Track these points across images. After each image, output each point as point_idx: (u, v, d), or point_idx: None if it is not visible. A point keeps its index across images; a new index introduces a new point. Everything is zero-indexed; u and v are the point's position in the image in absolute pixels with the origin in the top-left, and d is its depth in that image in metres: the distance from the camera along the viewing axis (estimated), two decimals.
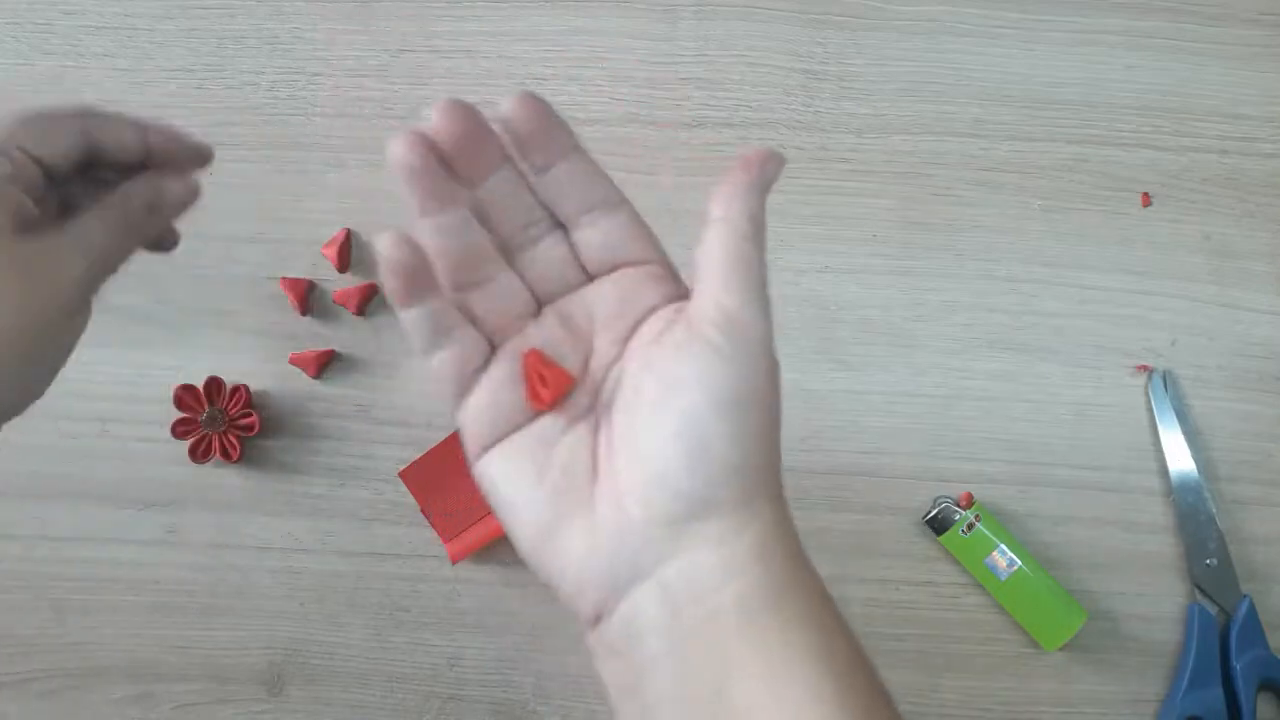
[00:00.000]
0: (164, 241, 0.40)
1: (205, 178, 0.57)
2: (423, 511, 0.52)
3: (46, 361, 0.35)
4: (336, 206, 0.57)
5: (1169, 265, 0.57)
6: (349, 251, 0.56)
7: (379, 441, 0.54)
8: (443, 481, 0.52)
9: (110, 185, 0.37)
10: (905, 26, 0.60)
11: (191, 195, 0.38)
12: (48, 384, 0.35)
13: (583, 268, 0.34)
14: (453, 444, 0.52)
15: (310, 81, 0.58)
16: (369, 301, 0.55)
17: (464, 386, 0.31)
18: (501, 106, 0.33)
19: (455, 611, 0.53)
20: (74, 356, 0.55)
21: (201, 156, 0.40)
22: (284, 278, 0.56)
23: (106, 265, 0.36)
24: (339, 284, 0.56)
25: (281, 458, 0.54)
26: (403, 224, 0.39)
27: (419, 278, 0.31)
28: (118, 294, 0.56)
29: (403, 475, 0.52)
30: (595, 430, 0.31)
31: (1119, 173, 0.58)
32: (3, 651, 0.52)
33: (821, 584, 0.31)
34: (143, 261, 0.56)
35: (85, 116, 0.36)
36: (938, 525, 0.53)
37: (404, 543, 0.53)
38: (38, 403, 0.54)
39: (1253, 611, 0.52)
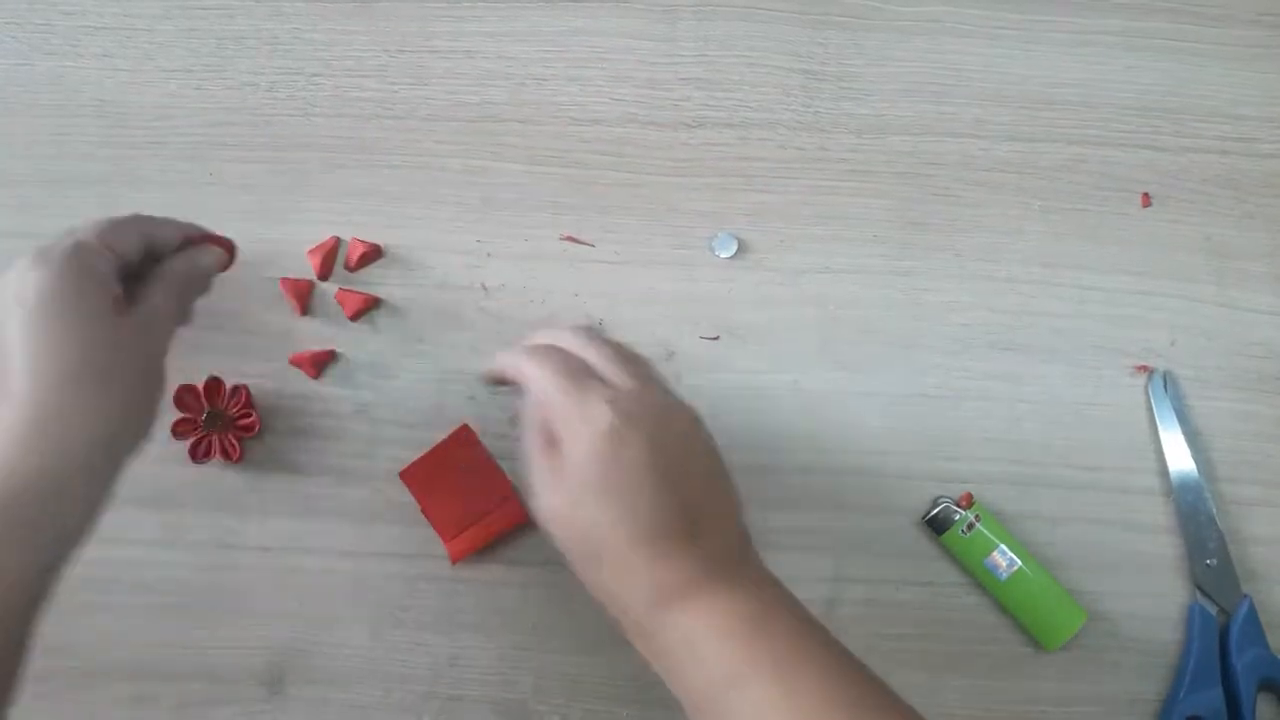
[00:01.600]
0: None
1: (204, 178, 0.57)
2: (423, 512, 0.52)
3: (152, 407, 0.44)
4: (336, 207, 0.57)
5: (1169, 265, 0.57)
6: (333, 260, 0.56)
7: (379, 441, 0.54)
8: (443, 482, 0.52)
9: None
10: (905, 26, 0.60)
11: (220, 260, 0.49)
12: (154, 416, 0.44)
13: None
14: (453, 444, 0.52)
15: (310, 81, 0.58)
16: (366, 311, 0.55)
17: None
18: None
19: (455, 611, 0.53)
20: None
21: (226, 242, 0.51)
22: (284, 278, 0.56)
23: (171, 327, 0.45)
24: (343, 283, 0.56)
25: (281, 458, 0.54)
26: (403, 224, 0.39)
27: None
28: None
29: (403, 475, 0.52)
30: None
31: (1119, 173, 0.58)
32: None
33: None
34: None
35: (141, 221, 0.46)
36: (938, 525, 0.53)
37: (404, 543, 0.53)
38: None
39: (1253, 611, 0.52)
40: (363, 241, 0.56)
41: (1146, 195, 0.58)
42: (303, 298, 0.55)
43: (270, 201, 0.57)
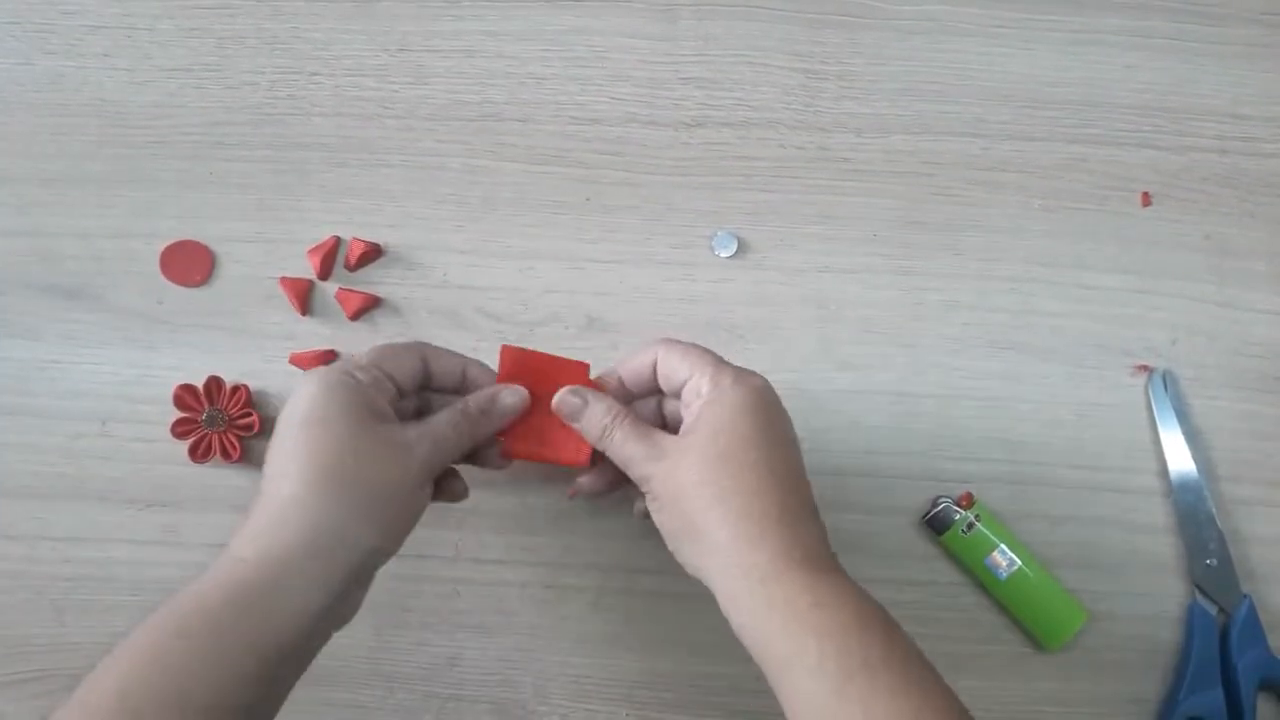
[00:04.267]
0: (457, 491, 0.49)
1: (204, 177, 0.57)
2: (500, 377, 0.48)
3: (399, 518, 0.44)
4: (336, 206, 0.57)
5: (1169, 265, 0.57)
6: (333, 260, 0.56)
7: None
8: (533, 383, 0.48)
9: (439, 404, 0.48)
10: (905, 26, 0.60)
11: (519, 405, 0.47)
12: (401, 538, 0.44)
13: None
14: (564, 365, 0.48)
15: (310, 81, 0.58)
16: (366, 311, 0.55)
17: None
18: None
19: (455, 611, 0.53)
20: (74, 356, 0.55)
21: (510, 390, 0.48)
22: (284, 278, 0.56)
23: (446, 452, 0.45)
24: (343, 283, 0.56)
25: None
26: (403, 224, 0.39)
27: None
28: (118, 293, 0.56)
29: (504, 349, 0.48)
30: None
31: (1119, 173, 0.58)
32: (3, 651, 0.52)
33: None
34: (142, 261, 0.56)
35: (423, 348, 0.47)
36: (938, 525, 0.53)
37: (404, 542, 0.53)
38: (39, 402, 0.54)
39: (1253, 611, 0.52)
40: (363, 241, 0.56)
41: (1146, 195, 0.58)
42: (303, 298, 0.55)
43: (270, 201, 0.57)
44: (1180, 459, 0.54)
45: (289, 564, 0.40)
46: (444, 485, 0.48)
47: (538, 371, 0.47)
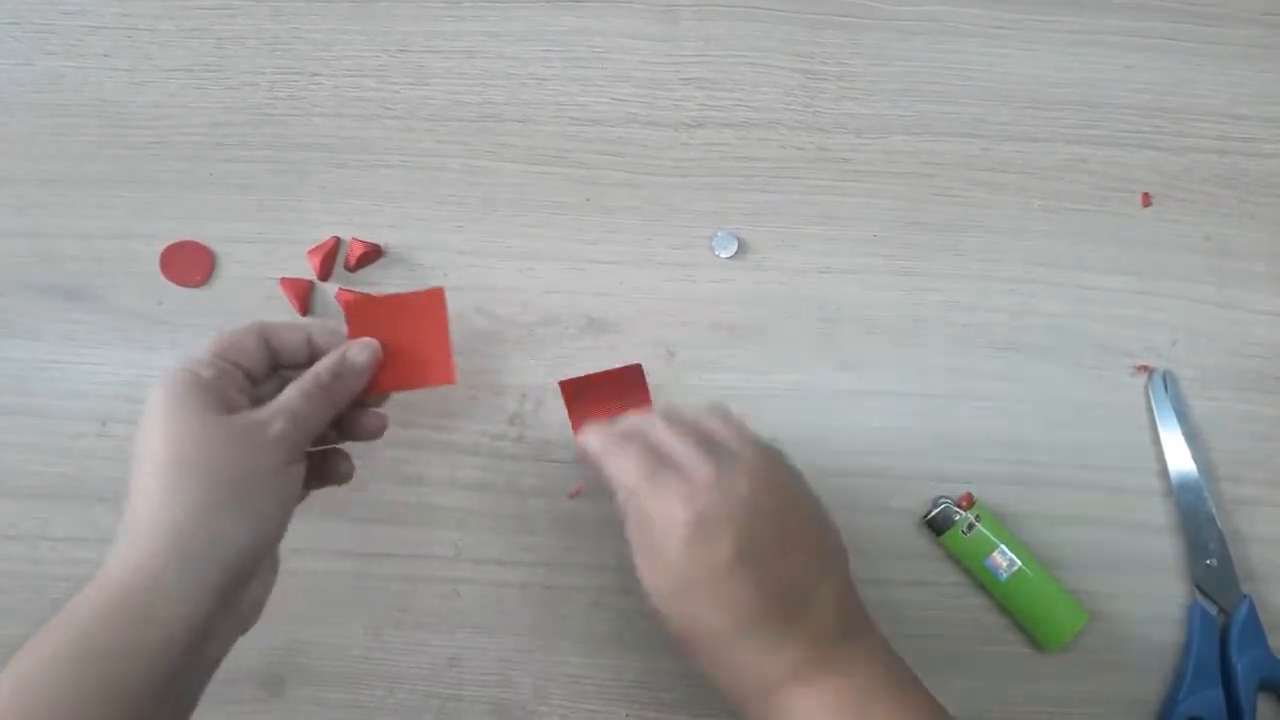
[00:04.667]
0: (341, 471, 0.48)
1: (205, 177, 0.57)
2: (569, 415, 0.52)
3: (267, 504, 0.42)
4: (336, 207, 0.57)
5: (1169, 265, 0.57)
6: (333, 260, 0.56)
7: (378, 441, 0.54)
8: (596, 402, 0.51)
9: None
10: (905, 26, 0.60)
11: (370, 360, 0.46)
12: (277, 527, 0.42)
13: None
14: (620, 374, 0.52)
15: (310, 81, 0.58)
16: None
17: None
18: None
19: (455, 611, 0.53)
20: (74, 356, 0.55)
21: (359, 345, 0.47)
22: (284, 278, 0.56)
23: (305, 425, 0.43)
24: (343, 283, 0.56)
25: None
26: (403, 224, 0.39)
27: None
28: (118, 294, 0.56)
29: (562, 384, 0.51)
30: None
31: (1119, 173, 0.58)
32: (3, 652, 0.52)
33: None
34: (142, 261, 0.56)
35: (261, 327, 0.46)
36: (938, 525, 0.53)
37: (404, 543, 0.53)
38: (39, 402, 0.54)
39: (1253, 611, 0.52)
40: (363, 241, 0.56)
41: (1147, 195, 0.58)
42: (303, 298, 0.55)
43: (270, 202, 0.57)
44: (1180, 459, 0.54)
45: (157, 573, 0.38)
46: (326, 467, 0.47)
47: (388, 316, 0.48)
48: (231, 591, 0.40)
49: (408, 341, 0.47)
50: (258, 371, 0.45)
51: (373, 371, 0.46)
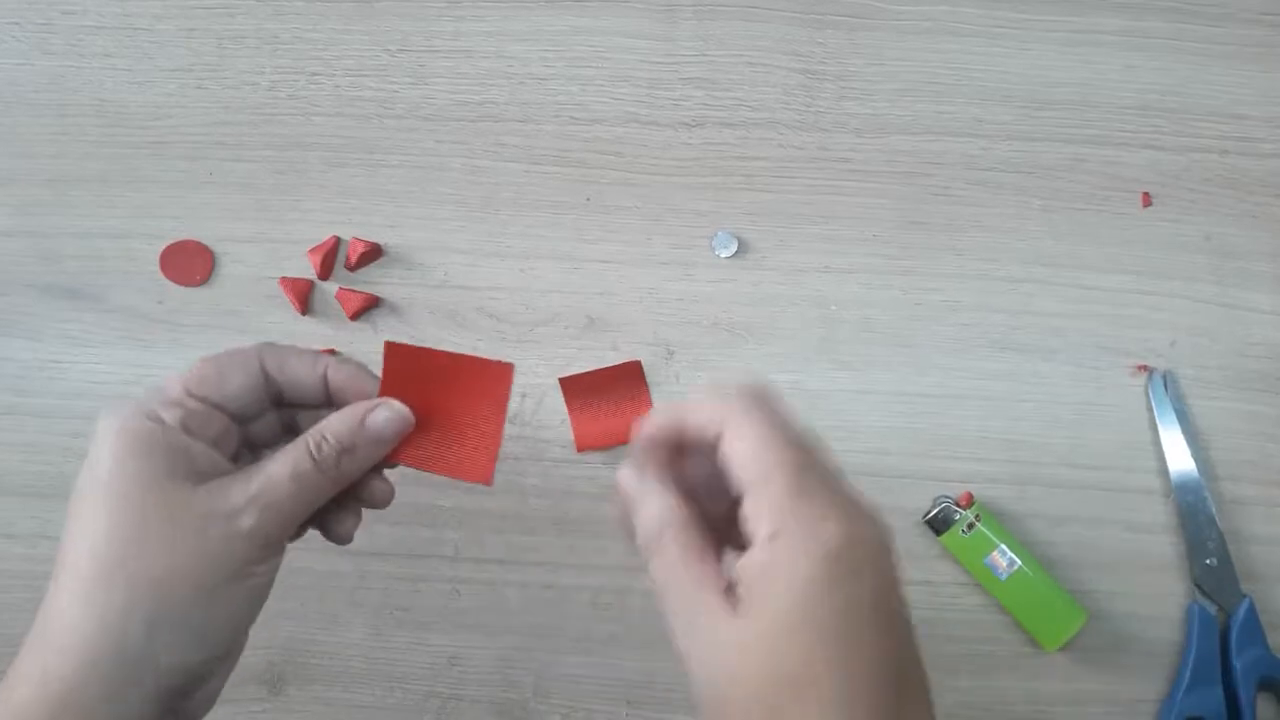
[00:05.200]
0: (376, 495, 0.38)
1: (204, 177, 0.57)
2: (569, 413, 0.53)
3: (218, 620, 0.33)
4: (336, 207, 0.57)
5: (1169, 265, 0.57)
6: (333, 260, 0.56)
7: None
8: (596, 399, 0.52)
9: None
10: (905, 26, 0.60)
11: (397, 433, 0.36)
12: (236, 640, 0.34)
13: None
14: (618, 372, 0.52)
15: (310, 81, 0.58)
16: (366, 311, 0.55)
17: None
18: None
19: (455, 611, 0.53)
20: (74, 356, 0.55)
21: (386, 407, 0.37)
22: (284, 278, 0.56)
23: (286, 516, 0.34)
24: (343, 283, 0.56)
25: None
26: (403, 224, 0.39)
27: None
28: (118, 294, 0.56)
29: (562, 382, 0.52)
30: None
31: (1119, 173, 0.58)
32: (3, 651, 0.52)
33: None
34: (141, 260, 0.56)
35: (262, 353, 0.36)
36: (938, 525, 0.53)
37: (404, 543, 0.53)
38: (38, 402, 0.54)
39: (1253, 611, 0.52)
40: (363, 241, 0.56)
41: (1147, 195, 0.58)
42: (303, 298, 0.55)
43: (270, 201, 0.57)
44: (1180, 459, 0.54)
45: (69, 695, 0.30)
46: (329, 523, 0.38)
47: (439, 378, 0.38)
48: (170, 706, 0.32)
49: (452, 417, 0.38)
50: (249, 410, 0.36)
51: (395, 445, 0.37)
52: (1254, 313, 0.57)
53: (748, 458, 0.32)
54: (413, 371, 0.37)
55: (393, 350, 0.37)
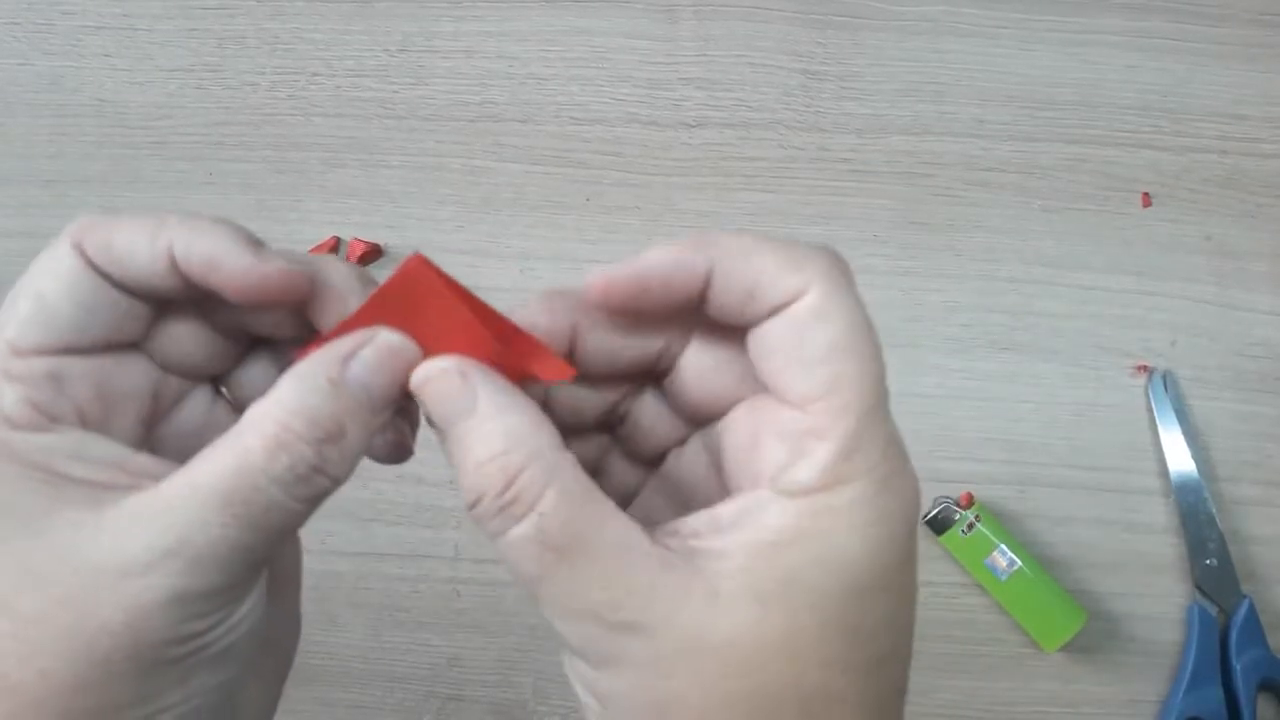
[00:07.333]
0: (378, 446, 0.26)
1: (204, 178, 0.57)
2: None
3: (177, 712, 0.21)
4: (336, 207, 0.57)
5: (1169, 265, 0.57)
6: None
7: None
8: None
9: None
10: (905, 26, 0.60)
11: (395, 373, 0.23)
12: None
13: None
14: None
15: (310, 81, 0.58)
16: None
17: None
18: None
19: (455, 611, 0.53)
20: None
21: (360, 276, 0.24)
22: None
23: (226, 558, 0.21)
24: None
25: None
26: (403, 224, 0.39)
27: None
28: None
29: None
30: None
31: (1119, 173, 0.58)
32: None
33: None
34: None
35: (79, 239, 0.24)
36: (938, 525, 0.53)
37: (404, 543, 0.53)
38: None
39: (1253, 612, 0.52)
40: (363, 241, 0.56)
41: (1147, 195, 0.58)
42: None
43: (270, 201, 0.57)
44: (1180, 459, 0.54)
45: None
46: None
47: (457, 330, 0.25)
48: None
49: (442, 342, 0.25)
50: (122, 334, 0.23)
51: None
52: (1254, 313, 0.57)
53: (827, 350, 0.23)
54: (420, 308, 0.24)
55: (419, 270, 0.24)
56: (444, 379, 0.23)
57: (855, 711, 0.21)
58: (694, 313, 0.24)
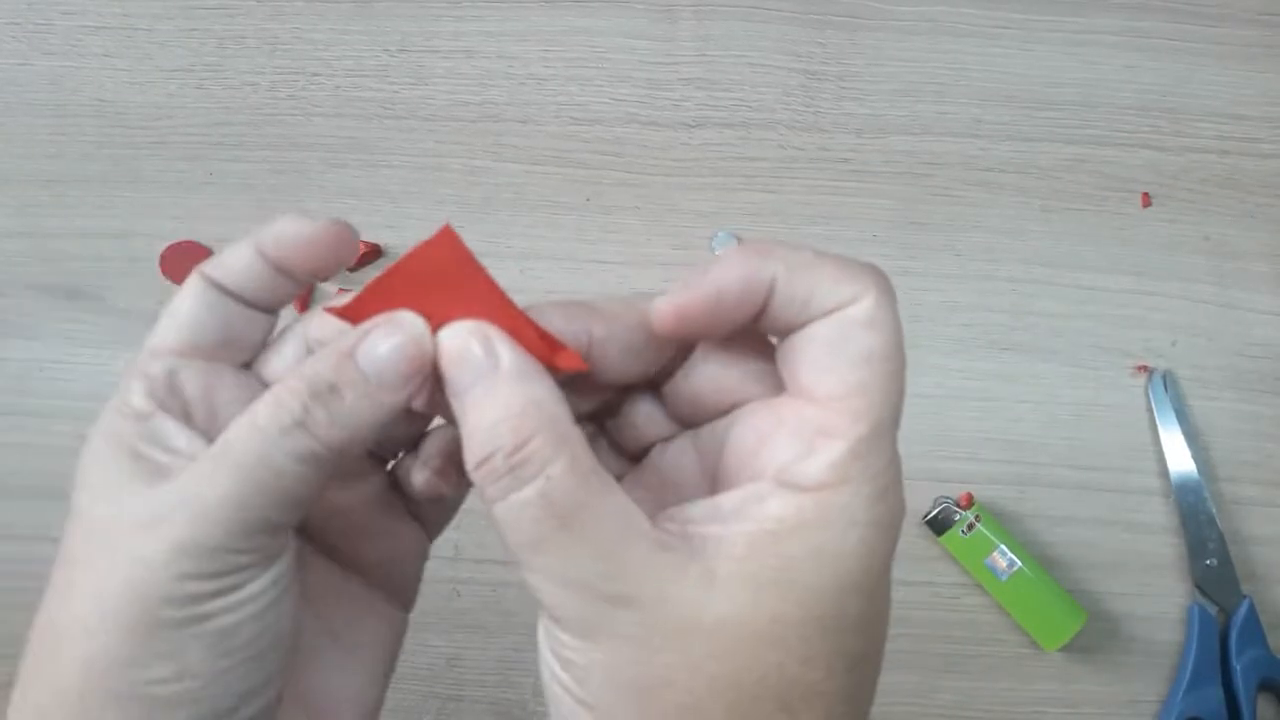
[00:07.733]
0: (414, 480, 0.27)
1: (204, 178, 0.57)
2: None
3: (178, 670, 0.22)
4: (336, 207, 0.57)
5: (1169, 265, 0.57)
6: None
7: None
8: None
9: None
10: (905, 26, 0.60)
11: (409, 359, 0.23)
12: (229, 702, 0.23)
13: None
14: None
15: (310, 81, 0.58)
16: None
17: None
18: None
19: (455, 611, 0.53)
20: (74, 356, 0.55)
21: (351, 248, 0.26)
22: None
23: (223, 516, 0.22)
24: (343, 283, 0.56)
25: None
26: (403, 224, 0.39)
27: None
28: (118, 294, 0.56)
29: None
30: None
31: (1119, 173, 0.58)
32: (2, 651, 0.52)
33: None
34: (142, 261, 0.56)
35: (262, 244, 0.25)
36: (938, 525, 0.53)
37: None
38: (38, 402, 0.54)
39: (1253, 612, 0.52)
40: (363, 241, 0.56)
41: (1146, 195, 0.58)
42: (303, 298, 0.55)
43: (270, 202, 0.57)
44: (1180, 459, 0.54)
45: None
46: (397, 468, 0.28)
47: (400, 292, 0.24)
48: None
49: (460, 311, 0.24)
50: (236, 331, 0.26)
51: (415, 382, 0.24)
52: (1254, 313, 0.57)
53: (866, 355, 0.23)
54: (445, 277, 0.24)
55: (447, 239, 0.24)
56: (468, 338, 0.23)
57: (831, 707, 0.22)
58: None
